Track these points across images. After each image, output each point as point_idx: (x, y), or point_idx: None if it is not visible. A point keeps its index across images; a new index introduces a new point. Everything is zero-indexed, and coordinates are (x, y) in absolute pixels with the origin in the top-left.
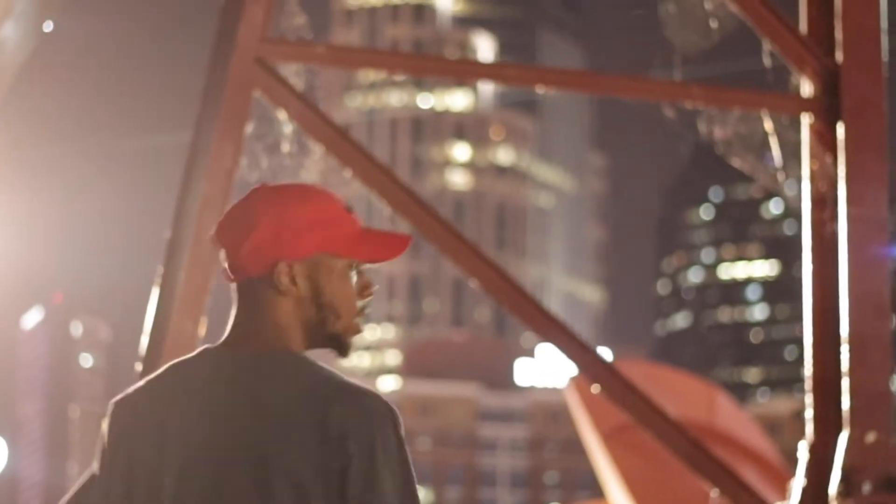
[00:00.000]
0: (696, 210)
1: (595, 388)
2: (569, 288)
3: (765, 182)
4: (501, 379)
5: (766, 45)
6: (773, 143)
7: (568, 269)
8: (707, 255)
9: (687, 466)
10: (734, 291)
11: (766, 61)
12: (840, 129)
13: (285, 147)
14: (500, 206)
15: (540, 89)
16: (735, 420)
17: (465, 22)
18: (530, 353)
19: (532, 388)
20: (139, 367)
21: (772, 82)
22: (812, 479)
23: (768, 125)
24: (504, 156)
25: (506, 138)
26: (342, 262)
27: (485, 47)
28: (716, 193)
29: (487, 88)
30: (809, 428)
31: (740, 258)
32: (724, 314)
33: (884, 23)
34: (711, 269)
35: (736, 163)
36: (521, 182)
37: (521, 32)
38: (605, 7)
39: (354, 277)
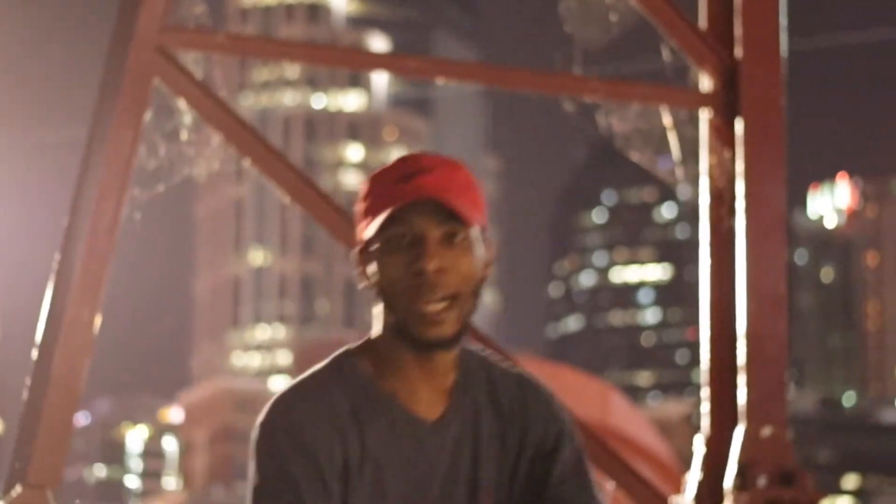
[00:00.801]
0: (588, 213)
1: None
2: None
3: (662, 177)
4: None
5: (666, 41)
6: (672, 138)
7: None
8: (600, 258)
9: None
10: (626, 295)
11: (666, 56)
12: (739, 125)
13: (184, 135)
14: None
15: (440, 80)
16: (629, 419)
17: (360, 22)
18: None
19: None
20: (34, 355)
21: (671, 77)
22: (708, 473)
23: (667, 120)
24: (397, 156)
25: (399, 139)
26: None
27: (379, 48)
28: (609, 197)
29: (381, 89)
30: (706, 422)
31: (633, 262)
32: (617, 317)
33: (784, 20)
34: (604, 272)
35: (634, 157)
36: None
37: (415, 33)
38: (500, 9)
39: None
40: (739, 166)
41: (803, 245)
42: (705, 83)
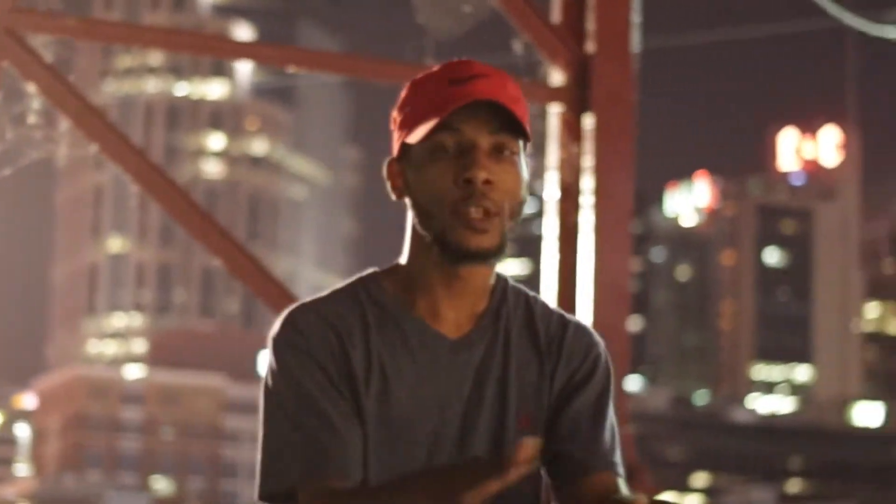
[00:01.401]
0: None
1: None
2: (319, 281)
3: None
4: (248, 370)
5: (518, 34)
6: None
7: (319, 262)
8: None
9: None
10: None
11: (518, 50)
12: (589, 120)
13: (32, 119)
14: (254, 198)
15: (293, 69)
16: None
17: (225, 11)
18: None
19: None
20: None
21: (523, 71)
22: None
23: None
24: (258, 146)
25: (261, 129)
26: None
27: (244, 37)
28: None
29: (244, 78)
30: None
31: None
32: None
33: (637, 17)
34: None
35: None
36: (274, 173)
37: (280, 23)
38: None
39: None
40: (588, 161)
41: (661, 243)
42: (556, 77)
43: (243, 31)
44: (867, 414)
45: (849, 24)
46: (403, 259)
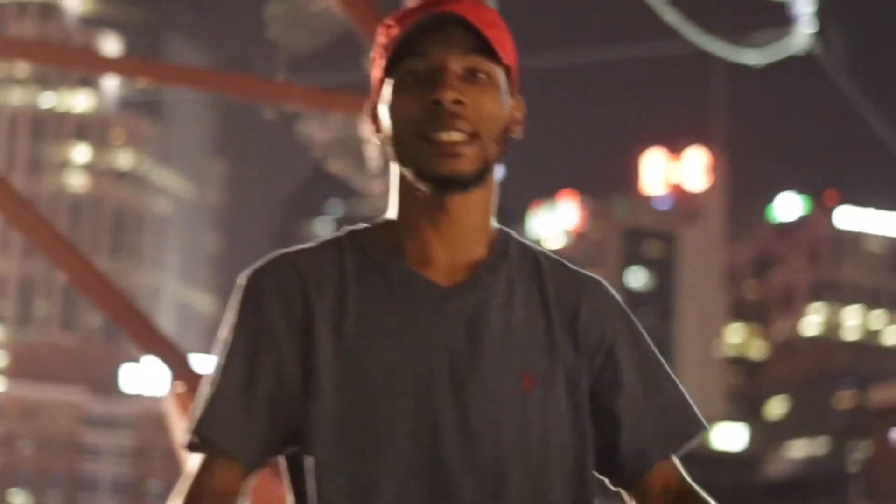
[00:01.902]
0: (314, 223)
1: (181, 389)
2: (184, 296)
3: (361, 188)
4: (109, 385)
5: (370, 50)
6: (372, 148)
7: (184, 277)
8: None
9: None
10: None
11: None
12: None
13: None
14: (118, 211)
15: (141, 83)
16: None
17: (93, 23)
18: (138, 361)
19: (139, 396)
20: None
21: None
22: None
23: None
24: (124, 159)
25: (127, 142)
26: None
27: (111, 49)
28: (334, 207)
29: (111, 90)
30: None
31: None
32: None
33: None
34: None
35: (333, 167)
36: (140, 187)
37: (147, 35)
38: (234, 12)
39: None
40: None
41: None
42: None
43: (111, 43)
44: (729, 437)
45: (709, 49)
46: (392, 207)
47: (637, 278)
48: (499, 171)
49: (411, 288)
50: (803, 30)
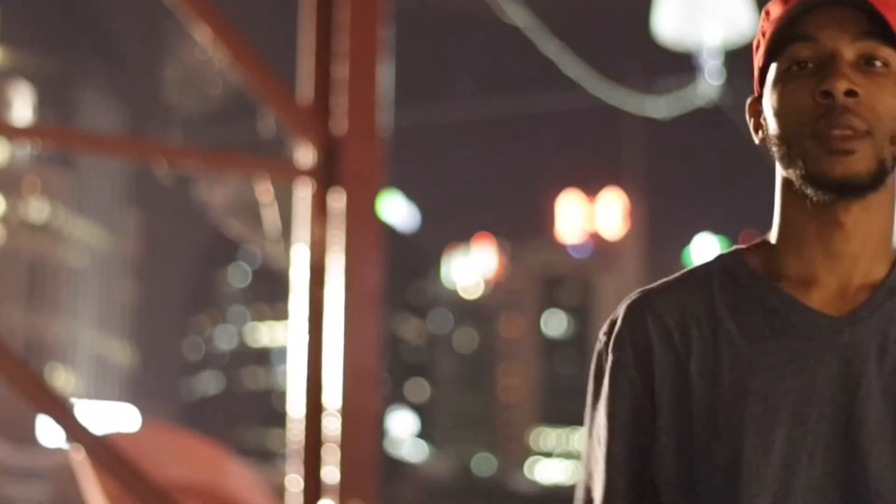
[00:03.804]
0: (230, 271)
1: (77, 455)
2: (100, 347)
3: (260, 249)
4: (26, 436)
5: (266, 112)
6: (271, 209)
7: (100, 327)
8: (240, 317)
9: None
10: (265, 355)
11: (267, 128)
12: (337, 199)
13: None
14: (33, 263)
15: (71, 150)
16: (245, 484)
17: (4, 74)
18: None
19: (59, 449)
20: None
21: (270, 149)
22: None
23: (267, 192)
24: (38, 211)
25: (41, 192)
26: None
27: (23, 100)
28: (250, 254)
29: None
30: (297, 500)
31: (274, 321)
32: (254, 377)
33: (389, 95)
34: (244, 331)
35: (233, 229)
36: (54, 238)
37: (61, 87)
38: (149, 66)
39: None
40: (336, 241)
41: (442, 308)
42: (305, 156)
43: (22, 95)
44: None
45: (613, 103)
46: (774, 225)
47: (554, 324)
48: (413, 219)
49: (793, 319)
50: (710, 81)
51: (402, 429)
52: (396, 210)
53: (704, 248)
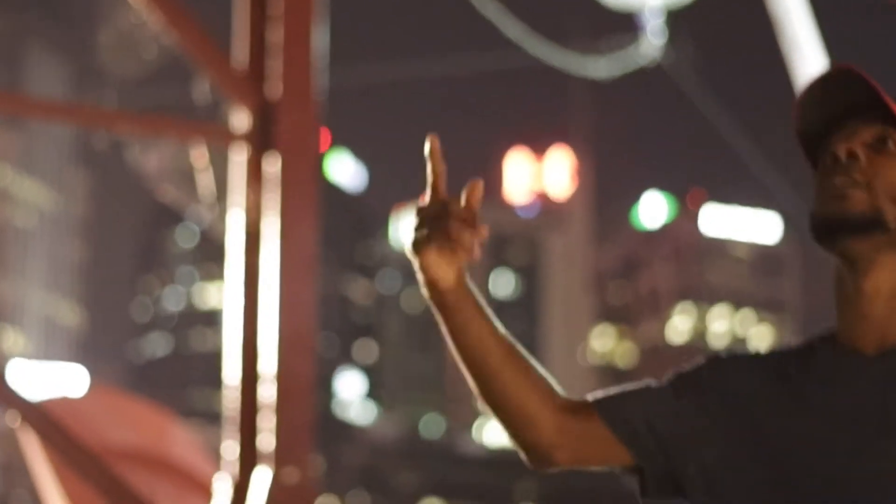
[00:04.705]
0: (178, 232)
1: (13, 423)
2: (49, 308)
3: (195, 213)
4: None
5: (202, 77)
6: (207, 174)
7: (48, 289)
8: (188, 277)
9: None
10: (214, 316)
11: (203, 92)
12: (272, 164)
13: None
14: None
15: (19, 116)
16: (189, 449)
17: None
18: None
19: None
20: None
21: (206, 113)
22: None
23: (202, 157)
24: None
25: None
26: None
27: None
28: (199, 216)
29: None
30: (232, 465)
31: (223, 281)
32: (203, 338)
33: (321, 59)
34: (192, 292)
35: (167, 193)
36: (2, 199)
37: (7, 44)
38: (93, 21)
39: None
40: (272, 205)
41: (391, 268)
42: (240, 121)
43: None
44: None
45: (553, 63)
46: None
47: (503, 285)
48: (361, 178)
49: (837, 361)
50: (652, 40)
51: (350, 390)
52: (344, 170)
53: (652, 206)
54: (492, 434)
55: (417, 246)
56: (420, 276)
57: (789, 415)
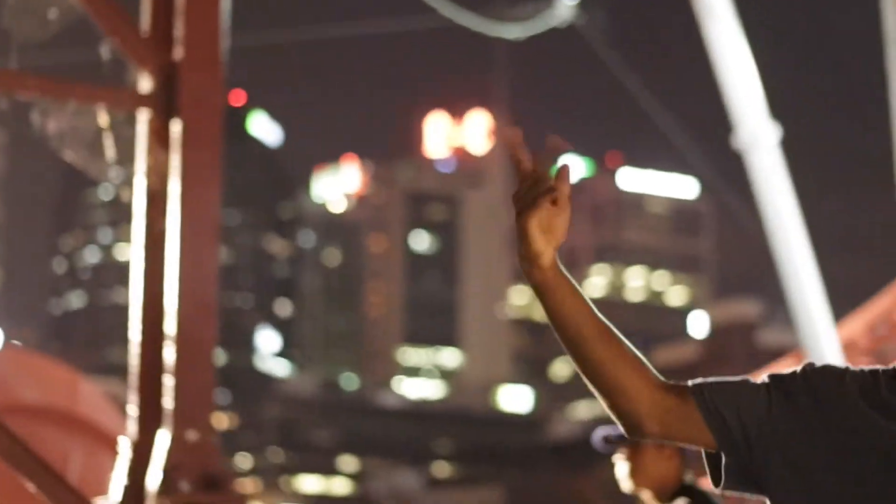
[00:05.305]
0: (94, 189)
1: None
2: None
3: (97, 177)
4: None
5: (107, 40)
6: (109, 137)
7: None
8: (105, 234)
9: (7, 464)
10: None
11: (106, 55)
12: (176, 127)
13: None
14: None
15: None
16: (99, 407)
17: None
18: None
19: None
20: None
21: (110, 76)
22: (133, 477)
23: (104, 120)
24: None
25: None
26: None
27: None
28: (116, 174)
29: None
30: (133, 425)
31: None
32: (120, 294)
33: (226, 22)
34: (108, 249)
35: (69, 157)
36: None
37: None
38: None
39: None
40: (175, 168)
41: (310, 227)
42: (145, 84)
43: None
44: (514, 398)
45: (465, 24)
46: None
47: (421, 242)
48: (277, 135)
49: (888, 392)
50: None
51: (269, 346)
52: (265, 130)
53: (571, 167)
54: (411, 388)
55: (520, 217)
56: (523, 259)
57: (880, 435)
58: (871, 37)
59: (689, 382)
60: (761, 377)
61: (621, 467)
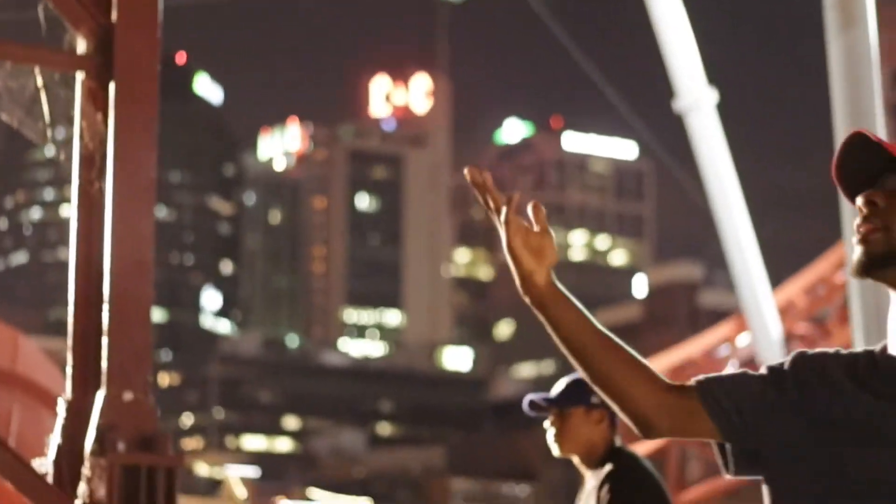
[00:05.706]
0: (39, 148)
1: None
2: None
3: (33, 138)
4: None
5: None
6: (44, 99)
7: None
8: (47, 193)
9: None
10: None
11: (41, 15)
12: (112, 88)
13: None
14: None
15: None
16: (38, 366)
17: None
18: None
19: None
20: None
21: (46, 38)
22: (68, 437)
23: (40, 81)
24: None
25: None
26: None
27: None
28: (60, 131)
29: None
30: (69, 386)
31: None
32: (63, 254)
33: None
34: (52, 207)
35: (4, 118)
36: None
37: None
38: None
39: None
40: (111, 130)
41: (253, 187)
42: (81, 45)
43: None
44: (456, 358)
45: None
46: None
47: (364, 201)
48: (219, 95)
49: (880, 366)
50: None
51: (214, 305)
52: (210, 92)
53: (513, 131)
54: (353, 347)
55: (507, 244)
56: (520, 280)
57: (855, 407)
58: (810, 2)
59: (692, 380)
60: (761, 368)
61: (549, 432)
